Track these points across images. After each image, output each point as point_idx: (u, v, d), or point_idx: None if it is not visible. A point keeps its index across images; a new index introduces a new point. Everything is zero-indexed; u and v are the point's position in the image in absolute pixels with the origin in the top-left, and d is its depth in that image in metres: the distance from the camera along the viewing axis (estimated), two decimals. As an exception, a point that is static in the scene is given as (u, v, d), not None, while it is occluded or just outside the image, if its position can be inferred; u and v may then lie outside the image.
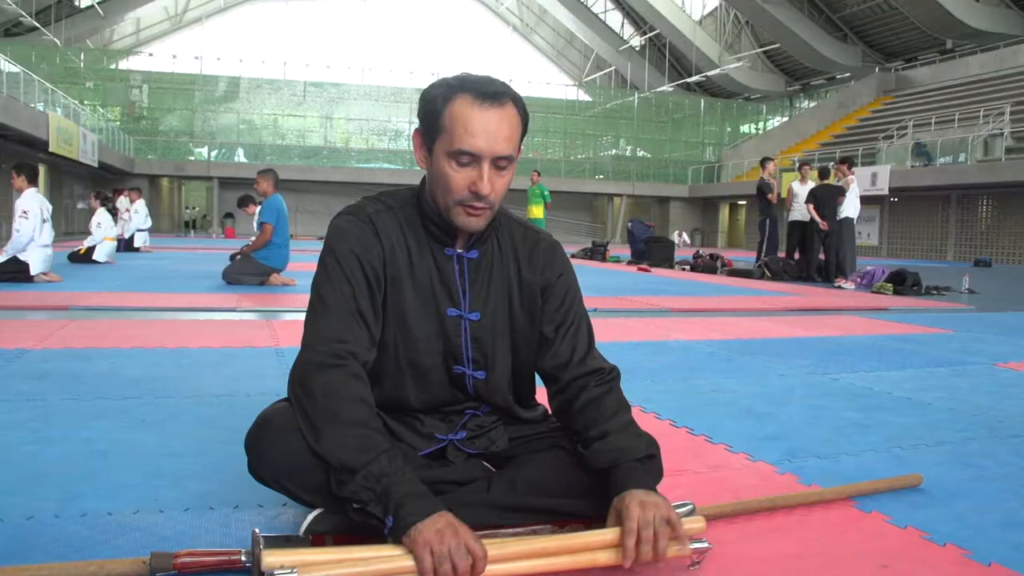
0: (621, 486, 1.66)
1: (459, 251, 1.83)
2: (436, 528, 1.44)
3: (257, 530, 1.56)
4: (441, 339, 1.83)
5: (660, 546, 1.55)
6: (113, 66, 40.25)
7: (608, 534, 1.59)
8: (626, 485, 1.66)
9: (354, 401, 1.61)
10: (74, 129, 24.18)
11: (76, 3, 37.85)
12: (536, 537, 1.59)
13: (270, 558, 1.43)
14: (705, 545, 1.66)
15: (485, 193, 1.68)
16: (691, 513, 1.84)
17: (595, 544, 1.57)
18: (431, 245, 1.82)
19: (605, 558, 1.57)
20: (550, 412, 1.95)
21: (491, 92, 1.68)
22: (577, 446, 1.82)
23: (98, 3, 37.50)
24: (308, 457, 1.62)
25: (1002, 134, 25.71)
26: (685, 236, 17.83)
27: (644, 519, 1.56)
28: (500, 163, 1.69)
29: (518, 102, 1.72)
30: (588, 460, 1.76)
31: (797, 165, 13.84)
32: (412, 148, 1.79)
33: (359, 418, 1.60)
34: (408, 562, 1.44)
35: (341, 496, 1.56)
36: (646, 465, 1.72)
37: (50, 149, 21.79)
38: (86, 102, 34.86)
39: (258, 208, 9.20)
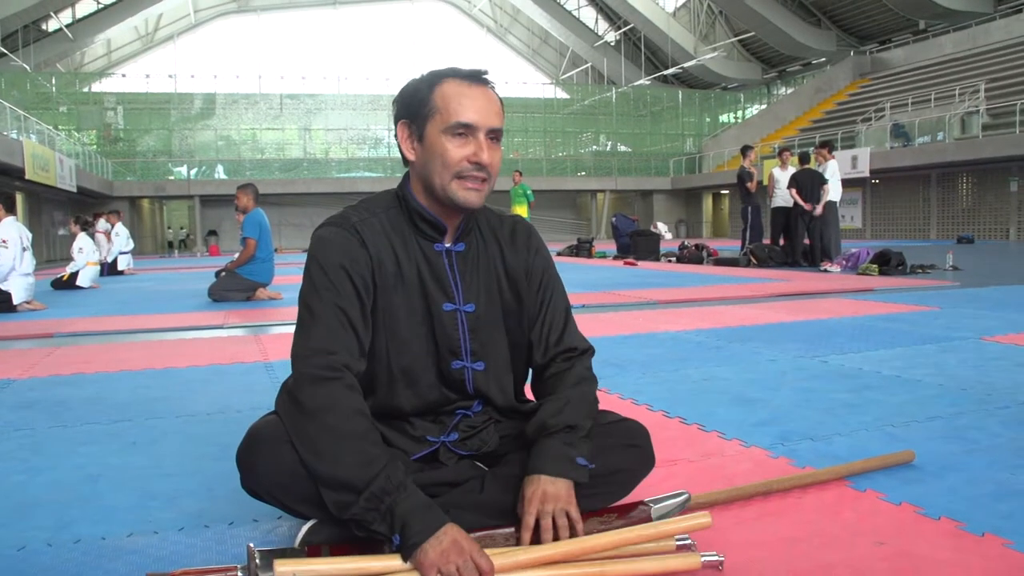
0: (530, 468, 1.69)
1: (447, 246, 1.83)
2: (441, 549, 1.44)
3: (252, 544, 1.54)
4: (436, 337, 1.82)
5: (561, 538, 1.59)
6: (86, 89, 39.93)
7: (617, 535, 1.58)
8: (535, 468, 1.68)
9: (351, 414, 1.60)
10: (50, 155, 24.03)
11: (44, 27, 37.55)
12: (542, 546, 1.57)
13: (282, 568, 1.42)
14: (716, 558, 1.63)
15: (486, 162, 1.73)
16: (687, 502, 1.85)
17: (601, 547, 1.56)
18: (420, 243, 1.82)
19: (613, 571, 1.54)
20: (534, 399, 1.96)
21: (475, 74, 1.77)
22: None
23: (66, 26, 37.28)
24: (300, 468, 1.61)
25: (978, 111, 25.86)
26: (662, 227, 17.88)
27: (543, 511, 1.61)
28: (493, 135, 1.75)
29: (493, 87, 1.79)
30: (526, 431, 1.80)
31: (777, 151, 13.87)
32: (398, 142, 1.80)
33: (357, 432, 1.58)
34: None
35: (343, 518, 1.55)
36: (566, 438, 1.73)
37: (26, 176, 21.61)
38: (60, 127, 34.64)
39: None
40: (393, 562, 1.48)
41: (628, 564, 1.56)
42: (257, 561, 1.46)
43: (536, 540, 1.59)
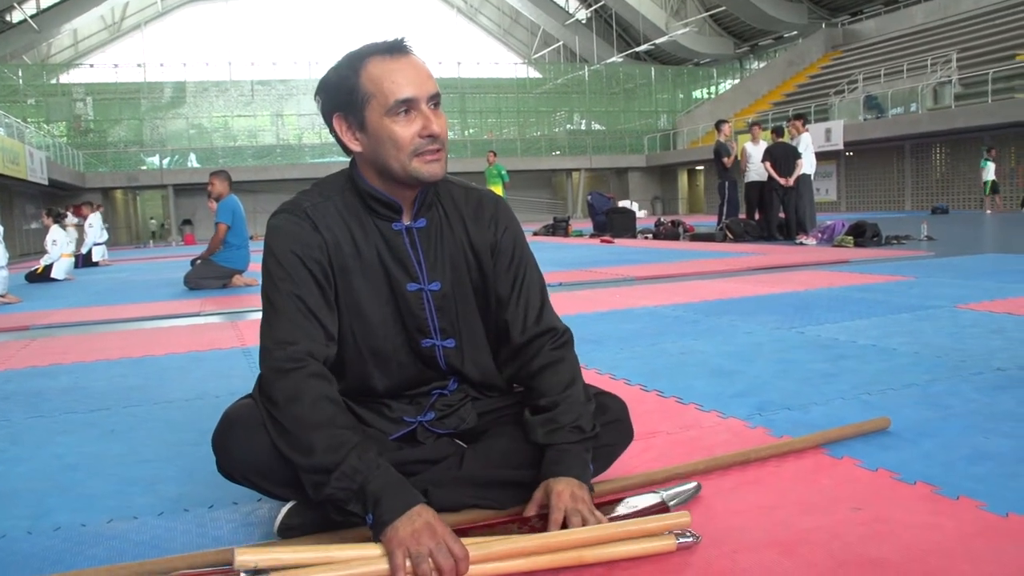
0: (557, 471, 1.68)
1: (407, 223, 1.80)
2: (413, 528, 1.43)
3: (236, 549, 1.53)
4: (402, 318, 1.81)
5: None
6: (54, 81, 39.37)
7: (594, 531, 1.57)
8: (563, 471, 1.68)
9: (316, 401, 1.59)
10: (19, 148, 23.73)
11: (8, 18, 36.98)
12: (518, 536, 1.56)
13: (243, 556, 1.40)
14: (691, 540, 1.62)
15: (437, 132, 1.68)
16: (697, 491, 1.87)
17: (579, 542, 1.55)
18: (377, 224, 1.78)
19: (592, 556, 1.54)
20: (501, 374, 1.93)
21: (395, 45, 1.70)
22: (526, 411, 1.83)
23: (31, 17, 36.74)
24: (275, 452, 1.61)
25: (950, 81, 25.96)
26: (634, 205, 17.91)
27: (572, 508, 1.60)
28: (433, 101, 1.70)
29: (414, 51, 1.73)
30: (531, 429, 1.78)
31: (748, 126, 13.91)
32: (335, 136, 1.74)
33: (324, 418, 1.57)
34: (385, 564, 1.43)
35: (319, 500, 1.54)
36: (585, 446, 1.74)
37: (-4, 170, 21.39)
38: (29, 119, 34.13)
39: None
40: (356, 551, 1.46)
41: (604, 548, 1.56)
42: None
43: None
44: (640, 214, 26.04)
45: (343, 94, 1.70)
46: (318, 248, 1.71)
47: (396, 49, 1.69)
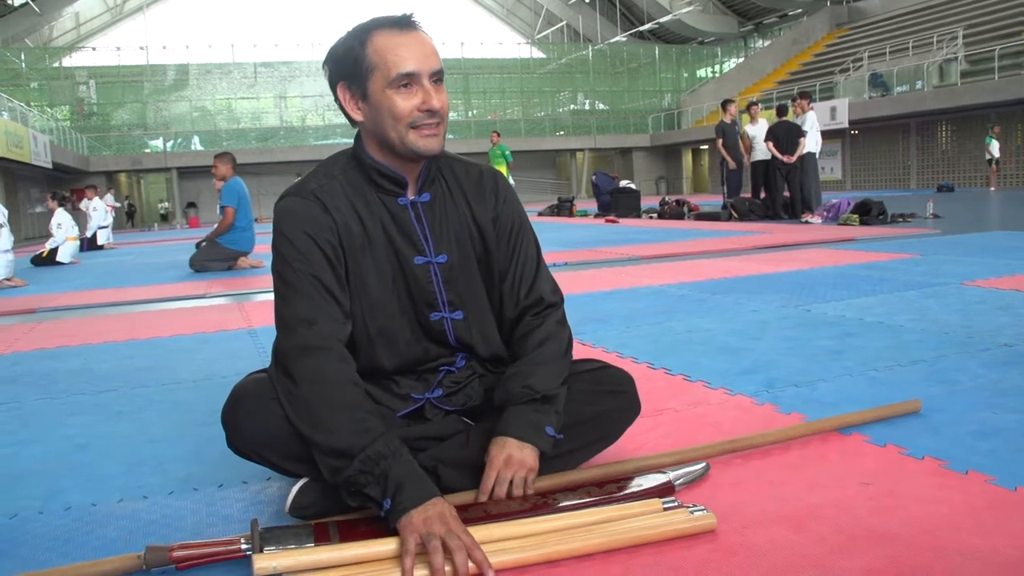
0: (498, 430, 1.71)
1: (411, 198, 1.81)
2: (426, 516, 1.44)
3: (256, 519, 1.54)
4: (411, 292, 1.81)
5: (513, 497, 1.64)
6: (56, 64, 39.29)
7: (593, 515, 1.57)
8: (503, 431, 1.70)
9: (343, 385, 1.60)
10: (23, 132, 23.73)
11: (9, 2, 36.86)
12: (519, 521, 1.56)
13: (261, 562, 1.41)
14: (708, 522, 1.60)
15: (437, 107, 1.69)
16: (705, 471, 1.86)
17: (584, 523, 1.55)
18: (383, 200, 1.79)
19: (598, 542, 1.52)
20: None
21: (403, 19, 1.71)
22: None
23: (32, 0, 36.63)
24: (285, 425, 1.62)
25: (956, 58, 25.82)
26: (631, 185, 17.91)
27: (502, 476, 1.65)
28: (435, 78, 1.71)
29: (421, 27, 1.75)
30: (495, 396, 1.81)
31: (747, 106, 13.84)
32: (340, 105, 1.76)
33: (351, 401, 1.58)
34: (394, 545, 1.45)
35: (336, 483, 1.54)
36: (537, 407, 1.74)
37: (0, 154, 21.39)
38: (33, 103, 34.10)
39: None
40: (375, 548, 1.46)
41: (611, 537, 1.54)
42: (260, 539, 1.48)
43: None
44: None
45: (348, 64, 1.71)
46: (329, 229, 1.72)
47: (404, 23, 1.70)
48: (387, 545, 1.46)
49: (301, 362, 1.62)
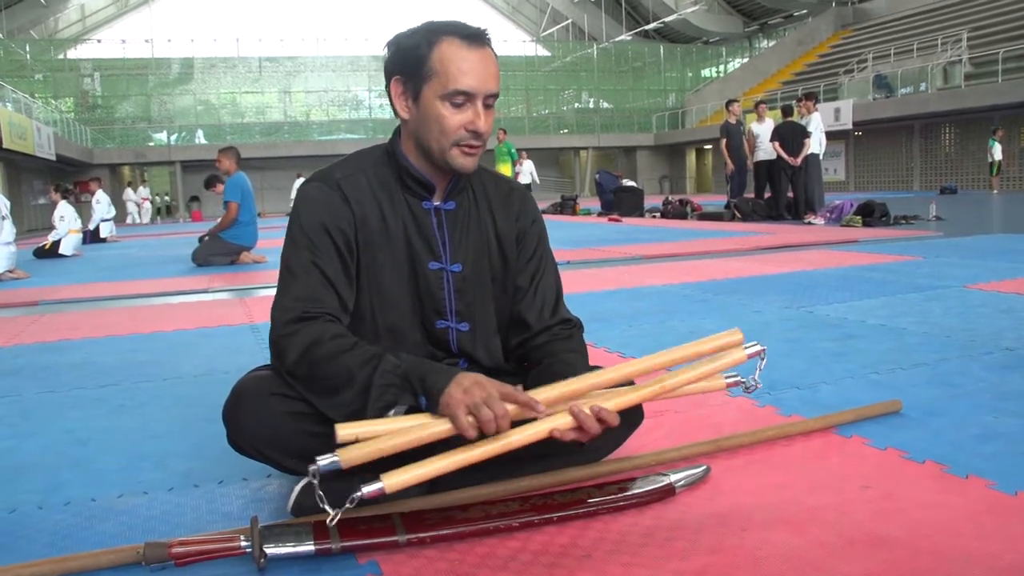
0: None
1: (436, 204, 1.82)
2: (464, 387, 1.45)
3: (256, 516, 1.54)
4: (421, 296, 1.81)
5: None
6: (61, 56, 39.28)
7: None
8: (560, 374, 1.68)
9: (336, 336, 1.61)
10: (27, 123, 23.71)
11: (16, -8, 36.92)
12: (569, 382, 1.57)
13: (345, 431, 1.42)
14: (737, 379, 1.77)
15: (483, 131, 1.70)
16: (706, 474, 1.87)
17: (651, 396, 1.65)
18: (407, 200, 1.80)
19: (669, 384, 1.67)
20: (508, 361, 1.96)
21: (475, 34, 1.71)
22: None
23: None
24: (286, 422, 1.63)
25: (961, 61, 25.80)
26: (634, 184, 17.90)
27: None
28: (489, 101, 1.71)
29: (491, 44, 1.75)
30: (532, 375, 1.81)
31: (755, 105, 13.82)
32: (389, 96, 1.75)
33: (348, 344, 1.59)
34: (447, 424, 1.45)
35: (374, 414, 1.53)
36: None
37: (3, 145, 21.32)
38: (37, 95, 34.11)
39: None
40: (437, 427, 1.47)
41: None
42: (260, 533, 1.48)
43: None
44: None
45: (411, 61, 1.70)
46: (345, 220, 1.73)
47: (475, 38, 1.70)
48: (445, 424, 1.46)
49: (298, 336, 1.62)
